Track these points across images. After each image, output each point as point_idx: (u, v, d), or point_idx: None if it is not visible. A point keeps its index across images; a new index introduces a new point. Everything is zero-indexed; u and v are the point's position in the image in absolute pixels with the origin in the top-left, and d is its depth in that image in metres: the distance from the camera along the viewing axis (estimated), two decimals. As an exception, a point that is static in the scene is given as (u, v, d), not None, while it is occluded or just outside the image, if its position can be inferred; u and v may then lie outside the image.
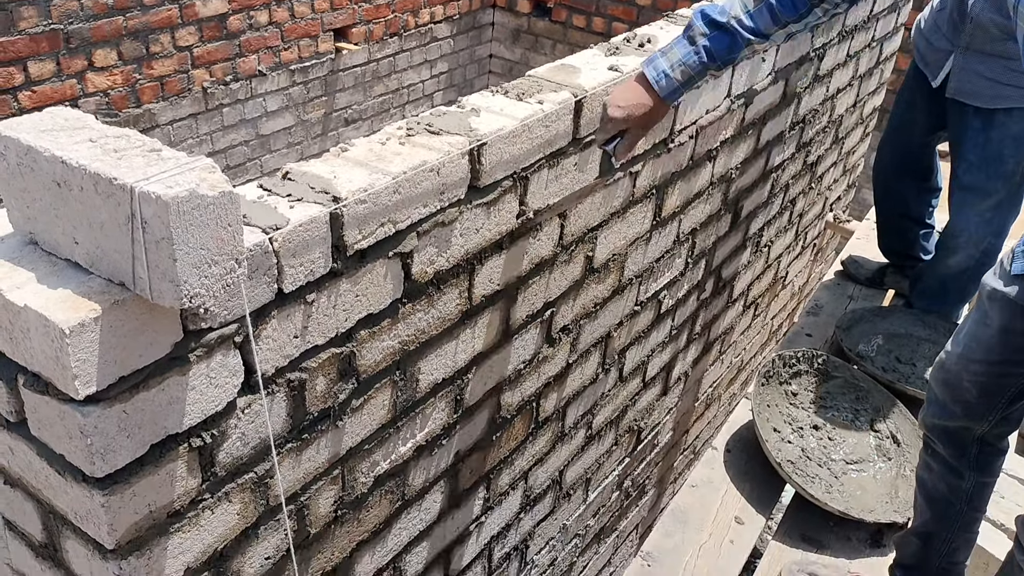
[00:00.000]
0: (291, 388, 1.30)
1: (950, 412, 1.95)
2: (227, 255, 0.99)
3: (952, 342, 1.95)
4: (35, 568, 1.29)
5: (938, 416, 1.98)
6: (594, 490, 2.64)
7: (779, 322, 4.08)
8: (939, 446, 2.00)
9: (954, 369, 1.91)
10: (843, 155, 3.81)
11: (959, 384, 1.90)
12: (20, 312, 0.97)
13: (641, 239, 2.20)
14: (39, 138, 0.97)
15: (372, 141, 1.41)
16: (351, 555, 1.59)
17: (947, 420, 1.96)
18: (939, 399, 1.97)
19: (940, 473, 2.01)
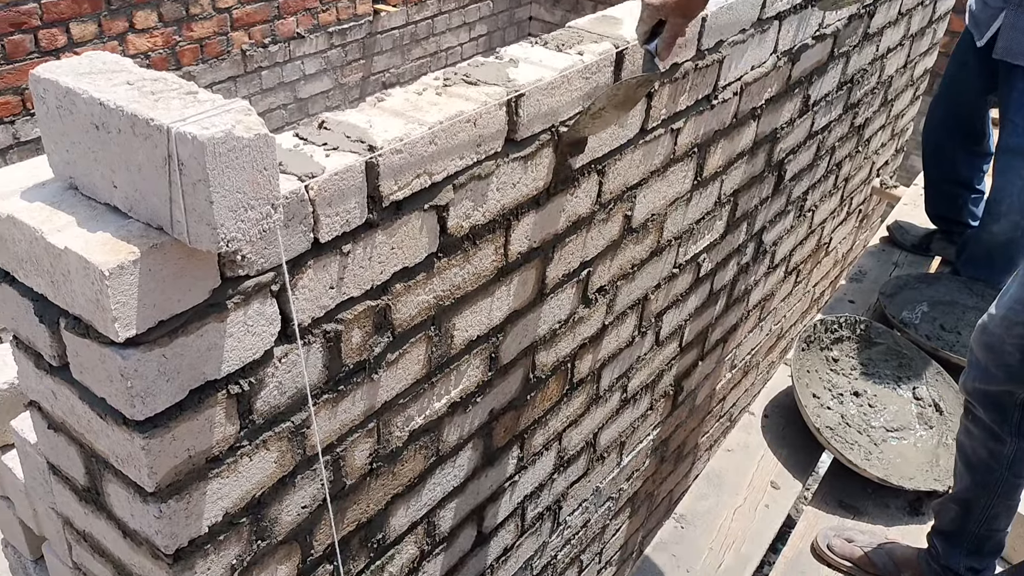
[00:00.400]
0: (327, 339, 1.30)
1: (992, 376, 1.91)
2: (263, 199, 0.99)
3: (995, 305, 1.91)
4: (78, 511, 1.32)
5: (979, 380, 1.94)
6: (628, 454, 2.63)
7: (821, 289, 4.01)
8: (980, 411, 1.96)
9: (997, 332, 1.87)
10: (892, 118, 3.72)
11: (1001, 348, 1.86)
12: (61, 255, 0.98)
13: (681, 199, 2.17)
14: (77, 80, 0.97)
15: (409, 91, 1.40)
16: (386, 508, 1.60)
17: (989, 384, 1.92)
18: (981, 363, 1.93)
19: (981, 438, 1.97)
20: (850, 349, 2.84)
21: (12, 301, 1.14)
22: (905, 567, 2.19)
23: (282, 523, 1.36)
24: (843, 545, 2.28)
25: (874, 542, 2.27)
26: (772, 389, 2.85)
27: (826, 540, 2.31)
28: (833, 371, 2.78)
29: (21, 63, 3.75)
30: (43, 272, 1.04)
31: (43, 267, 1.03)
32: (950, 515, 2.08)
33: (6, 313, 1.17)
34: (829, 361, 2.79)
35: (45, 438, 1.29)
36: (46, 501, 1.43)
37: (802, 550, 2.34)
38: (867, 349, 2.84)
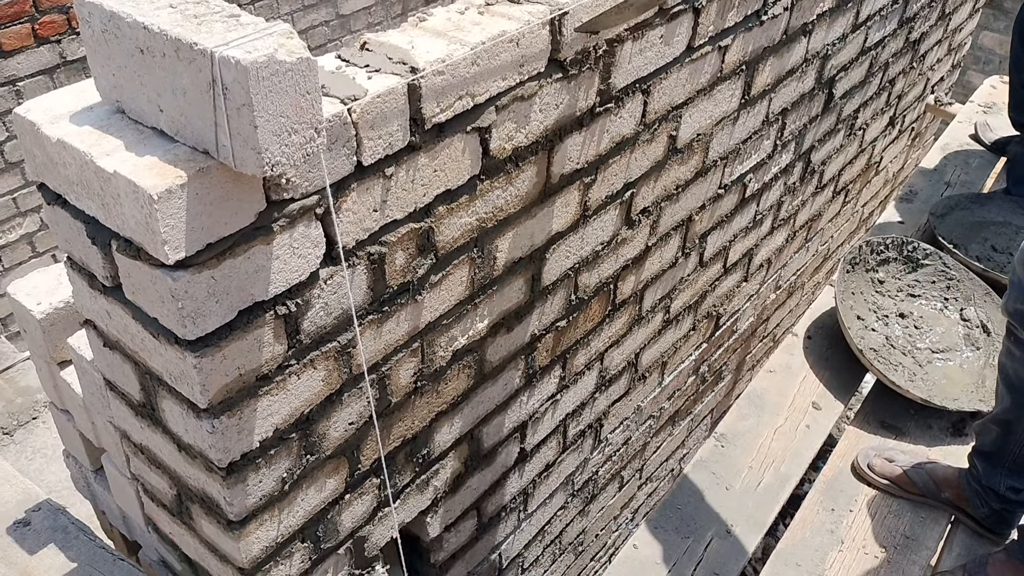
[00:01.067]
0: (371, 261, 1.32)
1: None
2: (306, 123, 0.99)
3: None
4: (135, 426, 1.37)
5: (1021, 301, 1.90)
6: (670, 374, 2.65)
7: (870, 209, 3.94)
8: (1021, 332, 1.93)
9: None
10: (949, 32, 3.58)
11: None
12: (111, 179, 1.00)
13: (728, 119, 2.13)
14: (121, 4, 0.97)
15: (451, 10, 1.38)
16: (430, 424, 1.65)
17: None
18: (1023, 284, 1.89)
19: (1022, 359, 1.95)
20: (896, 270, 2.80)
21: (65, 223, 1.17)
22: (946, 486, 2.20)
23: (330, 439, 1.41)
24: (883, 464, 2.29)
25: (914, 461, 2.28)
26: (816, 310, 2.83)
27: (867, 459, 2.32)
28: (879, 293, 2.75)
29: (65, -19, 3.75)
30: (94, 195, 1.06)
31: (94, 190, 1.05)
32: (991, 435, 2.07)
33: (60, 234, 1.21)
34: (875, 283, 2.76)
35: (101, 355, 1.33)
36: (104, 415, 1.49)
37: (842, 469, 2.36)
38: (914, 271, 2.80)
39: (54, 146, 1.06)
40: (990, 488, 2.09)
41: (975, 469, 2.13)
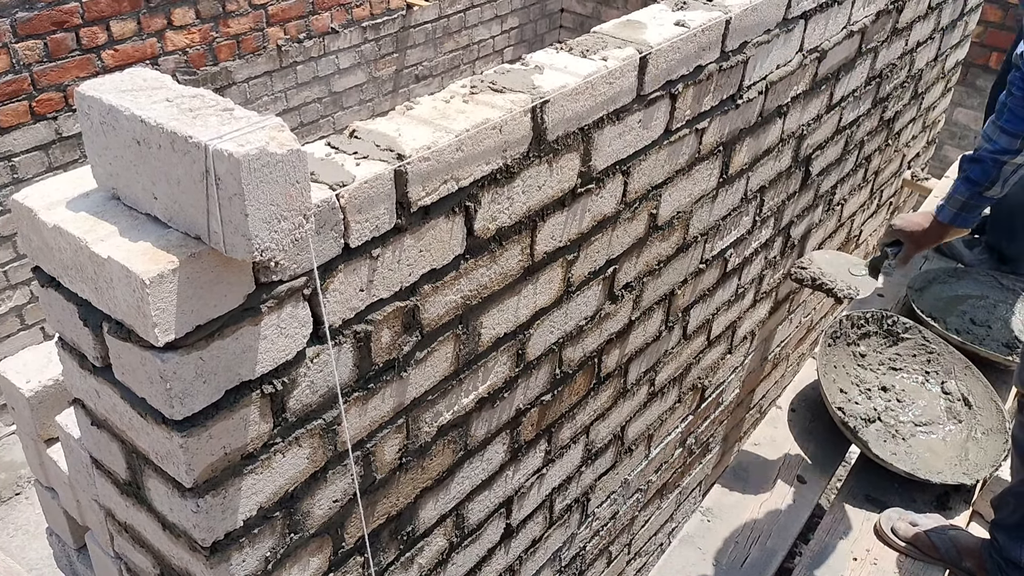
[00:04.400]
0: (357, 339, 1.35)
1: None
2: (296, 210, 1.03)
3: None
4: (120, 504, 1.38)
5: None
6: (656, 446, 2.66)
7: (851, 282, 4.00)
8: None
9: None
10: (922, 111, 3.69)
11: None
12: (104, 263, 1.03)
13: (707, 197, 2.19)
14: (120, 98, 1.02)
15: (436, 99, 1.44)
16: (415, 501, 1.65)
17: None
18: None
19: None
20: (877, 344, 2.84)
21: (58, 305, 1.20)
22: (967, 556, 2.21)
23: (314, 517, 1.41)
24: (907, 528, 2.30)
25: (939, 527, 2.29)
26: (799, 383, 2.86)
27: (890, 523, 2.33)
28: (860, 366, 2.78)
29: (63, 60, 3.84)
30: (87, 279, 1.09)
31: (87, 274, 1.08)
32: (1009, 508, 2.09)
33: (52, 315, 1.23)
34: (856, 356, 2.80)
35: (88, 434, 1.35)
36: (89, 493, 1.49)
37: (828, 544, 2.36)
38: (895, 344, 2.84)
39: (50, 231, 1.09)
40: (1011, 560, 2.10)
41: (996, 541, 2.14)
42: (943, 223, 2.31)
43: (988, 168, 2.20)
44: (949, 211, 2.30)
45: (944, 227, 2.33)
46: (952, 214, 2.30)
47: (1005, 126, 2.16)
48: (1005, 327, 2.96)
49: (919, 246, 2.36)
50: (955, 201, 2.29)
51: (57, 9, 3.73)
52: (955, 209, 2.29)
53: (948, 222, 2.31)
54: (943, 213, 2.32)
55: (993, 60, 4.90)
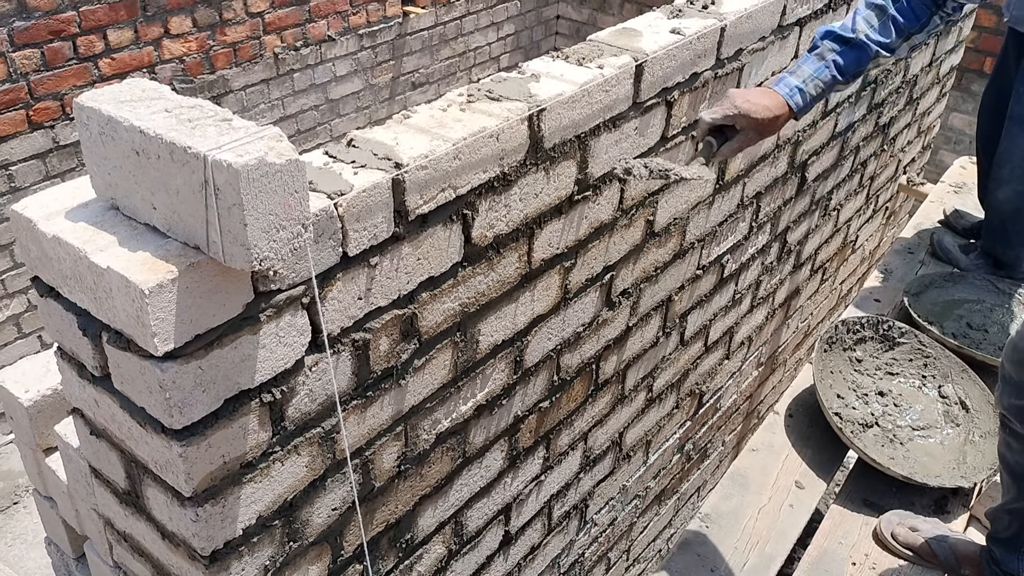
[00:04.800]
0: (356, 348, 1.35)
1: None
2: (294, 220, 1.04)
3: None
4: (119, 513, 1.38)
5: (1014, 396, 1.96)
6: (655, 452, 2.67)
7: (848, 287, 4.01)
8: (1017, 425, 1.97)
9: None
10: (918, 116, 3.71)
11: None
12: (104, 273, 1.03)
13: (703, 203, 2.20)
14: (119, 109, 1.03)
15: (434, 108, 1.44)
16: (414, 509, 1.65)
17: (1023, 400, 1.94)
18: (1014, 380, 1.94)
19: (1021, 451, 1.99)
20: (874, 349, 2.84)
21: (57, 315, 1.20)
22: (967, 563, 2.21)
23: (313, 525, 1.42)
24: (907, 534, 2.30)
25: (939, 533, 2.29)
26: (796, 388, 2.87)
27: (890, 527, 2.33)
28: (857, 371, 2.79)
29: (60, 69, 3.84)
30: (86, 289, 1.09)
31: (86, 284, 1.09)
32: (1003, 523, 2.09)
33: (51, 325, 1.24)
34: (853, 362, 2.80)
35: (87, 443, 1.35)
36: (88, 502, 1.49)
37: (826, 549, 2.36)
38: (891, 349, 2.84)
39: (49, 242, 1.09)
40: (1008, 573, 2.11)
41: (993, 554, 2.14)
42: (795, 112, 1.74)
43: (864, 59, 1.79)
44: (808, 97, 1.74)
45: (788, 120, 1.76)
46: (809, 101, 1.75)
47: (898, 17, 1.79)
48: (1002, 331, 2.96)
49: (762, 136, 1.72)
50: (816, 86, 1.75)
51: (54, 18, 3.74)
52: (813, 95, 1.75)
53: (800, 112, 1.75)
54: (803, 104, 1.74)
55: (987, 65, 4.92)
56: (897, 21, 1.78)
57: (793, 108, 1.72)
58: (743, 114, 1.65)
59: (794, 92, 1.72)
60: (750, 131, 1.68)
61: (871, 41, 1.77)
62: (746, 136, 1.68)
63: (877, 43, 1.78)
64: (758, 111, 1.65)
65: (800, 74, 1.74)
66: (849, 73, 1.77)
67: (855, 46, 1.77)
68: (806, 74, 1.74)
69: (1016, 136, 2.89)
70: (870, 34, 1.77)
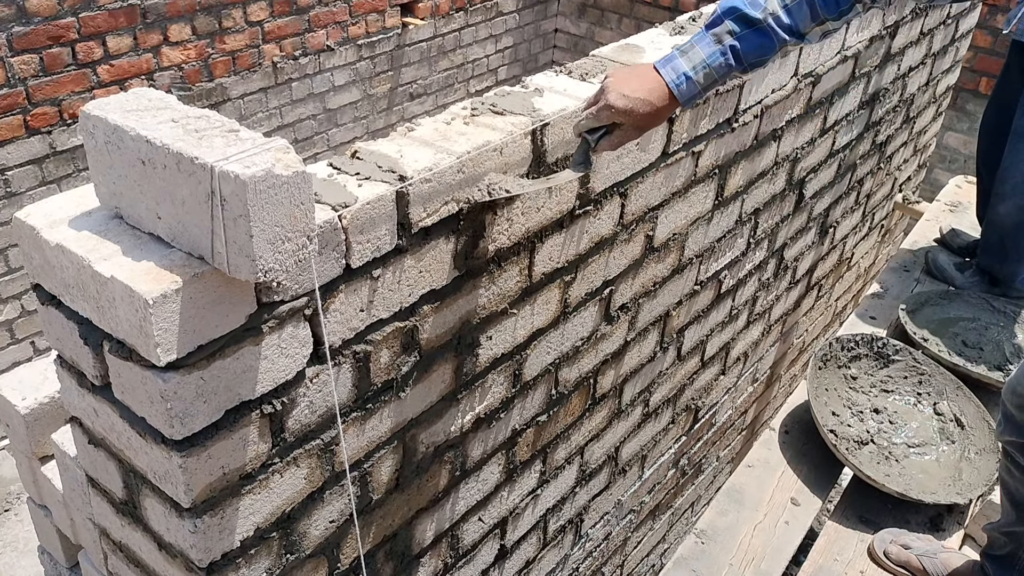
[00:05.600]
0: (356, 360, 1.35)
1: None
2: (299, 232, 1.03)
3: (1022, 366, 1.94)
4: (115, 523, 1.37)
5: (1015, 434, 1.97)
6: (650, 467, 2.66)
7: (843, 303, 4.02)
8: (1019, 457, 1.98)
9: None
10: (914, 135, 3.72)
11: None
12: (107, 283, 1.03)
13: (702, 219, 2.20)
14: (125, 118, 1.02)
15: (438, 121, 1.44)
16: (411, 521, 1.65)
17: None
18: (1015, 419, 1.95)
19: (1022, 480, 2.00)
20: (868, 367, 2.85)
21: (58, 323, 1.19)
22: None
23: (310, 537, 1.41)
24: (899, 551, 2.30)
25: (930, 549, 2.29)
26: (791, 404, 2.87)
27: (883, 545, 2.33)
28: (852, 389, 2.79)
29: (58, 75, 3.84)
30: (89, 298, 1.09)
31: (89, 293, 1.08)
32: (1000, 542, 2.10)
33: (52, 333, 1.23)
34: (847, 379, 2.81)
35: (85, 452, 1.34)
36: (84, 512, 1.48)
37: (822, 566, 2.36)
38: (886, 366, 2.85)
39: (52, 250, 1.09)
40: None
41: (987, 569, 2.15)
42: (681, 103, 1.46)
43: (768, 48, 1.47)
44: (696, 89, 1.45)
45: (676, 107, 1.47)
46: (697, 92, 1.46)
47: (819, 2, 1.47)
48: (996, 349, 2.97)
49: (643, 131, 1.46)
50: (707, 75, 1.44)
51: (53, 24, 3.74)
52: (703, 85, 1.45)
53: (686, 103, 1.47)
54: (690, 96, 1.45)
55: (983, 85, 4.95)
56: (815, 4, 1.46)
57: (678, 98, 1.43)
58: (620, 111, 1.40)
59: (681, 80, 1.42)
60: (630, 128, 1.44)
61: (780, 27, 1.45)
62: (625, 132, 1.44)
63: (787, 28, 1.45)
64: (637, 106, 1.40)
65: (692, 57, 1.44)
66: (748, 63, 1.47)
67: (760, 31, 1.44)
68: (698, 59, 1.43)
69: (1020, 151, 2.91)
70: (780, 16, 1.44)
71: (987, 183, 3.29)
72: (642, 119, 1.42)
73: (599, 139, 1.44)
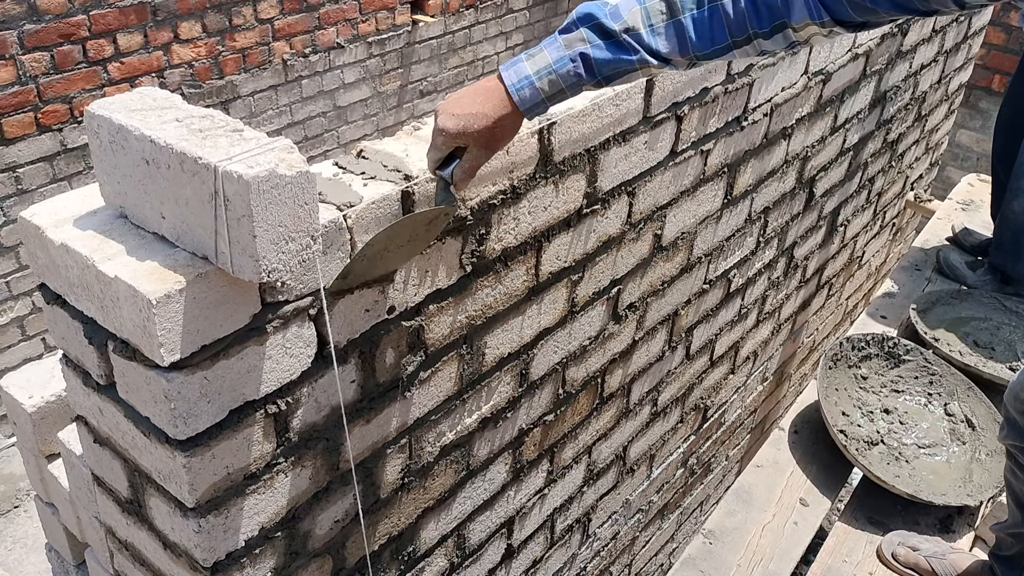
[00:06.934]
0: (362, 359, 1.35)
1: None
2: (303, 232, 1.03)
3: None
4: (121, 522, 1.37)
5: (1018, 439, 1.95)
6: (658, 466, 2.65)
7: (854, 302, 4.00)
8: (1023, 459, 1.97)
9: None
10: (926, 133, 3.70)
11: None
12: (111, 283, 1.03)
13: (711, 218, 2.19)
14: (129, 118, 1.02)
15: (444, 120, 1.43)
16: (417, 521, 1.64)
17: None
18: (1018, 424, 1.93)
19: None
20: (879, 366, 2.83)
21: (63, 322, 1.19)
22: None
23: (315, 537, 1.41)
24: (907, 554, 2.29)
25: (939, 551, 2.28)
26: (801, 404, 2.86)
27: (891, 548, 2.32)
28: (863, 389, 2.78)
29: (69, 73, 3.85)
30: (93, 297, 1.09)
31: (93, 293, 1.08)
32: (1007, 543, 2.09)
33: (57, 332, 1.23)
34: (858, 379, 2.79)
35: (91, 451, 1.34)
36: (90, 510, 1.49)
37: (831, 567, 2.35)
38: (896, 366, 2.83)
39: (57, 249, 1.09)
40: None
41: (995, 569, 2.14)
42: (524, 113, 1.28)
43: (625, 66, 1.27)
44: (539, 96, 1.26)
45: (522, 119, 1.29)
46: (540, 102, 1.27)
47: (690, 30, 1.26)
48: (1008, 349, 2.95)
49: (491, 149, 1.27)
50: (551, 82, 1.26)
51: (64, 22, 3.75)
52: (548, 94, 1.27)
53: (529, 112, 1.28)
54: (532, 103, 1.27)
55: (996, 82, 4.92)
56: (685, 33, 1.26)
57: (518, 105, 1.26)
58: (454, 135, 1.24)
59: (522, 85, 1.25)
60: (473, 148, 1.26)
61: (640, 45, 1.26)
62: (472, 155, 1.27)
63: (649, 50, 1.26)
64: (470, 124, 1.23)
65: (537, 61, 1.26)
66: (603, 76, 1.28)
67: (617, 44, 1.26)
68: (543, 63, 1.26)
69: None
70: (643, 34, 1.26)
71: (1003, 181, 3.26)
72: (481, 136, 1.25)
73: (452, 171, 1.28)
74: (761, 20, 1.24)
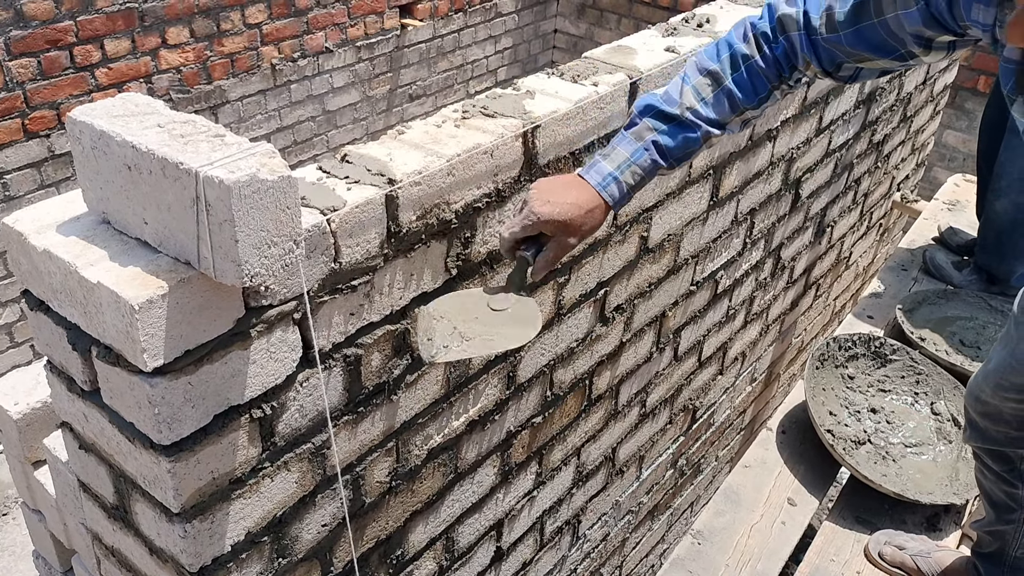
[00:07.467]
0: (347, 363, 1.35)
1: (993, 438, 1.93)
2: (286, 236, 1.03)
3: (984, 372, 1.89)
4: (107, 528, 1.37)
5: (981, 440, 1.96)
6: (648, 468, 2.66)
7: (842, 303, 4.02)
8: (988, 460, 1.98)
9: (992, 403, 1.87)
10: (912, 134, 3.72)
11: (999, 416, 1.88)
12: (94, 288, 1.03)
13: (697, 219, 2.20)
14: (111, 123, 1.02)
15: (428, 123, 1.44)
16: (405, 525, 1.65)
17: (991, 444, 1.95)
18: (980, 426, 1.94)
19: (995, 482, 2.00)
20: (866, 366, 2.84)
21: (47, 328, 1.19)
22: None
23: (302, 541, 1.41)
24: (894, 552, 2.31)
25: (924, 549, 2.29)
26: (789, 404, 2.87)
27: (877, 547, 2.34)
28: (850, 388, 2.79)
29: (57, 79, 3.84)
30: (76, 303, 1.09)
31: (76, 299, 1.08)
32: (986, 540, 2.10)
33: (41, 339, 1.23)
34: (845, 379, 2.80)
35: (76, 457, 1.34)
36: (76, 516, 1.49)
37: (819, 566, 2.36)
38: (883, 366, 2.84)
39: (40, 256, 1.09)
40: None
41: (978, 567, 2.15)
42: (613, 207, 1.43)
43: (693, 142, 1.44)
44: (624, 188, 1.42)
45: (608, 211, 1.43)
46: (626, 194, 1.43)
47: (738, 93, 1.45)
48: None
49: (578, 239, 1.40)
50: (634, 173, 1.41)
51: (51, 28, 3.74)
52: (632, 185, 1.43)
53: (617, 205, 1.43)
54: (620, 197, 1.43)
55: (981, 83, 4.94)
56: (733, 95, 1.44)
57: (608, 202, 1.40)
58: (546, 220, 1.33)
59: (608, 182, 1.40)
60: (561, 236, 1.36)
61: (700, 119, 1.42)
62: (558, 243, 1.37)
63: (708, 120, 1.43)
64: (564, 212, 1.34)
65: (615, 158, 1.41)
66: (675, 157, 1.44)
67: (680, 124, 1.42)
68: (621, 158, 1.41)
69: (1016, 148, 2.91)
70: (699, 109, 1.43)
71: (988, 181, 3.29)
72: (570, 226, 1.36)
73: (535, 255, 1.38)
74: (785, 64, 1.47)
